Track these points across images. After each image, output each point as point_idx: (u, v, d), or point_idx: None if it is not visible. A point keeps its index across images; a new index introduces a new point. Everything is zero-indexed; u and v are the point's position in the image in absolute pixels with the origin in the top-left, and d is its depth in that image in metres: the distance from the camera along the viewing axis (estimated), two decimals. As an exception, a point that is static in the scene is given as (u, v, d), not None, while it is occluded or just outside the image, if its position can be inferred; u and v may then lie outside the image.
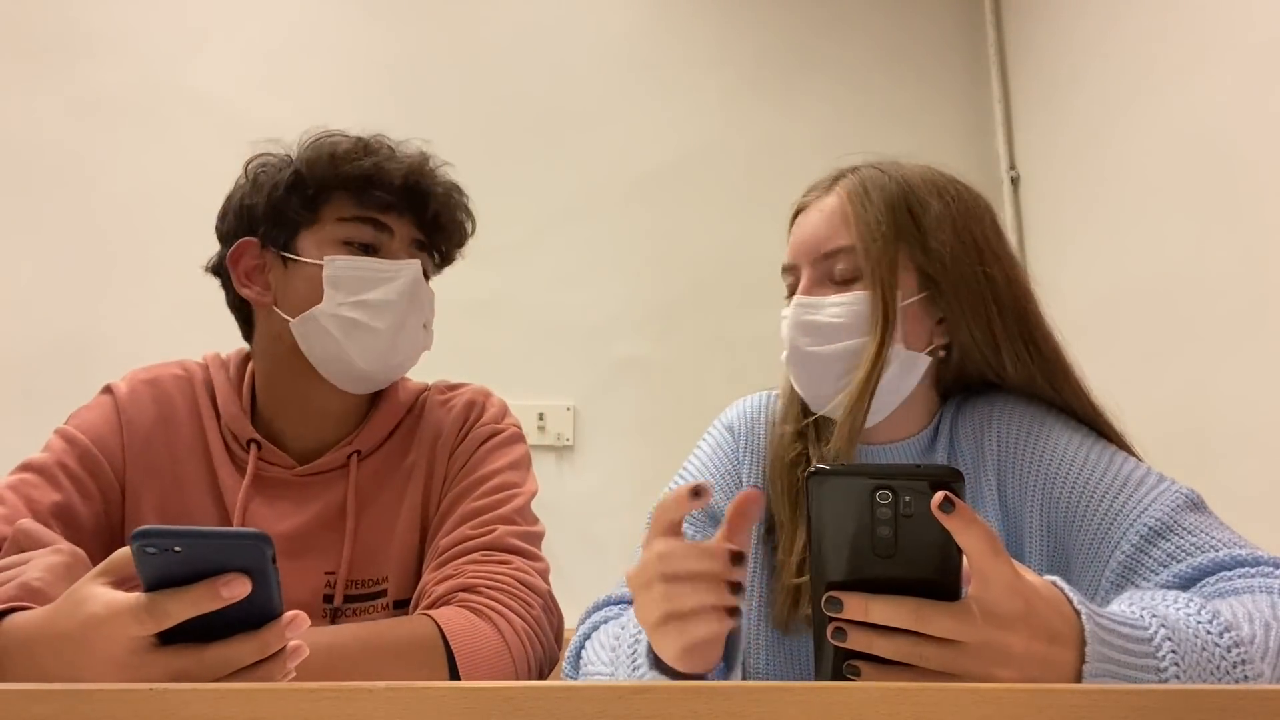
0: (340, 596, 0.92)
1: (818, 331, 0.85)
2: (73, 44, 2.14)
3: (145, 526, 0.52)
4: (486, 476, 0.96)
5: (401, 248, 0.97)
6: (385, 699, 0.41)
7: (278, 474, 0.95)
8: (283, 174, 0.95)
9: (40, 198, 2.07)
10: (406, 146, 1.00)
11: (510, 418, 1.05)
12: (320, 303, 0.92)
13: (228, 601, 0.52)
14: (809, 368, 0.87)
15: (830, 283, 0.86)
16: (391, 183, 0.95)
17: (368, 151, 0.95)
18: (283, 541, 0.91)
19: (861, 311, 0.84)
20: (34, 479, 0.86)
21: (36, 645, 0.59)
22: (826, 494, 0.50)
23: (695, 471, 0.96)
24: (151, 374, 0.99)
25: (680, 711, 0.41)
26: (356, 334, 0.92)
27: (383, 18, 2.31)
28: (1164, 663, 0.55)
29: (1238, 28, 1.70)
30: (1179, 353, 1.82)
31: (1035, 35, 2.40)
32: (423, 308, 0.98)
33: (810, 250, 0.87)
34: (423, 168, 0.98)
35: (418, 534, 0.96)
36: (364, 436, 0.98)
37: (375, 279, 0.93)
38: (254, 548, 0.53)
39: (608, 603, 0.88)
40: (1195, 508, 0.77)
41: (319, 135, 0.98)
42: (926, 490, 0.48)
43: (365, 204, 0.95)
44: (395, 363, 0.97)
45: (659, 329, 2.26)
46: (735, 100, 2.42)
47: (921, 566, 0.49)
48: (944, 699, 0.41)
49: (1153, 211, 1.92)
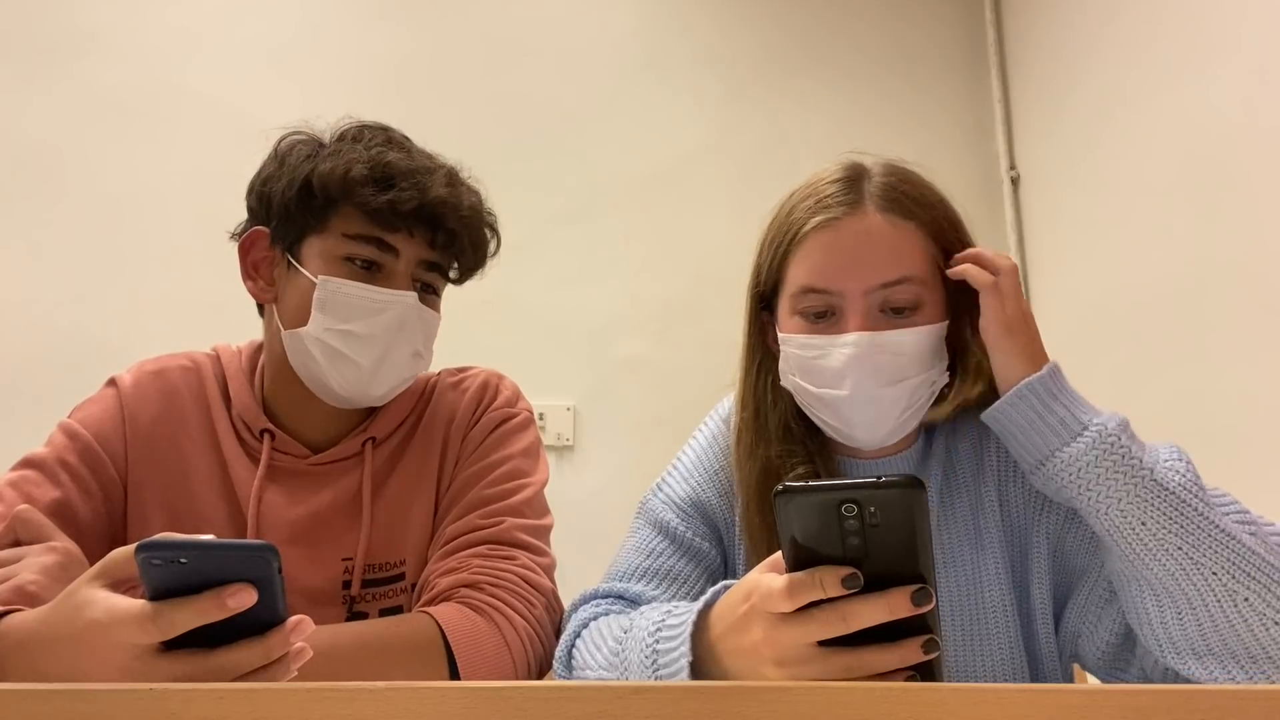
0: (358, 582, 0.91)
1: (888, 371, 0.79)
2: (73, 44, 2.14)
3: (151, 539, 0.52)
4: (497, 463, 0.96)
5: (407, 269, 0.93)
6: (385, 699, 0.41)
7: (291, 463, 0.94)
8: (298, 172, 0.92)
9: (40, 198, 2.07)
10: (430, 163, 0.95)
11: (523, 401, 1.05)
12: (307, 324, 0.90)
13: (234, 611, 0.52)
14: (873, 410, 0.81)
15: (888, 312, 0.80)
16: (403, 211, 0.90)
17: (383, 181, 0.90)
18: (298, 530, 0.91)
19: (928, 345, 0.81)
20: (34, 475, 0.86)
21: (34, 648, 0.58)
22: (795, 511, 0.52)
23: (690, 463, 0.95)
24: (158, 365, 0.98)
25: (680, 711, 0.41)
26: (339, 363, 0.90)
27: (383, 17, 2.31)
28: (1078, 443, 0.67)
29: (1237, 28, 1.70)
30: (1179, 353, 1.82)
31: (1035, 35, 2.40)
32: (413, 336, 0.93)
33: (863, 278, 0.80)
34: (443, 197, 0.92)
35: (433, 515, 0.96)
36: (379, 424, 0.97)
37: (365, 308, 0.90)
38: (260, 559, 0.52)
39: (594, 596, 0.87)
40: None
41: (346, 131, 0.95)
42: (891, 499, 0.50)
43: (373, 223, 0.91)
44: (377, 393, 0.94)
45: (659, 329, 2.26)
46: (735, 100, 2.42)
47: (894, 567, 0.51)
48: (944, 699, 0.41)
49: (1152, 211, 1.92)
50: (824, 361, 0.81)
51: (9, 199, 2.05)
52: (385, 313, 0.90)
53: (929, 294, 0.81)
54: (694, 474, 0.94)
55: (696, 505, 0.91)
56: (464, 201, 0.95)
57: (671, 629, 0.66)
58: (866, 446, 0.85)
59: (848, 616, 0.51)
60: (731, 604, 0.61)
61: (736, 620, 0.59)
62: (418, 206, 0.90)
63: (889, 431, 0.83)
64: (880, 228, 0.80)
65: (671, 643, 0.65)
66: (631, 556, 0.90)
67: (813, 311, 0.82)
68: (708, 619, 0.64)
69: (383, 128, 0.98)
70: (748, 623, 0.57)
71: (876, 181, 0.83)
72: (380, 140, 0.95)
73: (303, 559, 0.90)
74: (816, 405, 0.84)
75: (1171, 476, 0.71)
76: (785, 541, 0.53)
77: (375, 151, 0.92)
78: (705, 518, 0.91)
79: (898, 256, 0.80)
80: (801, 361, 0.83)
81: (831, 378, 0.81)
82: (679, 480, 0.94)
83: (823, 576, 0.51)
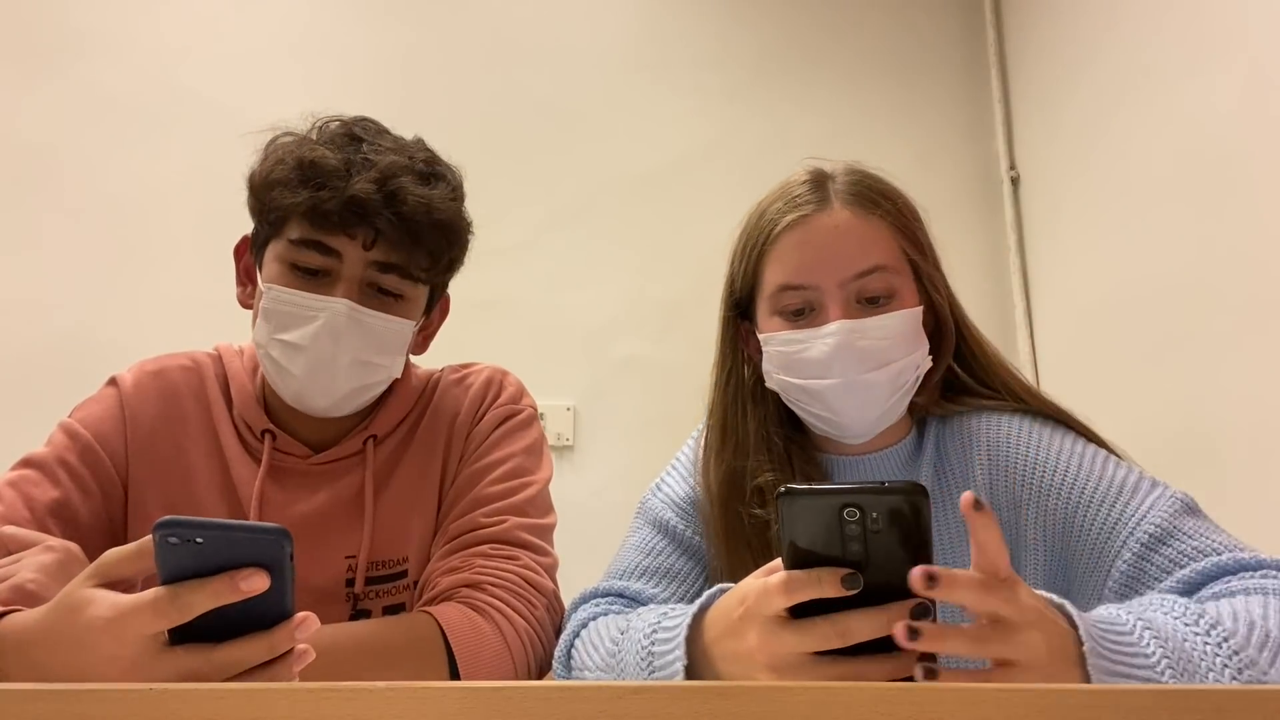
0: (361, 580, 0.91)
1: (869, 357, 0.81)
2: (72, 44, 2.14)
3: (169, 517, 0.52)
4: (501, 460, 0.96)
5: (354, 273, 0.87)
6: (385, 699, 0.41)
7: (293, 463, 0.94)
8: (257, 176, 0.90)
9: (40, 197, 2.07)
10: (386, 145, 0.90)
11: (527, 398, 1.05)
12: (258, 333, 0.90)
13: (246, 595, 0.52)
14: (860, 395, 0.82)
15: (863, 302, 0.83)
16: (325, 211, 0.85)
17: (310, 181, 0.86)
18: (301, 529, 0.90)
19: (906, 331, 0.83)
20: (34, 475, 0.86)
21: (33, 650, 0.58)
22: (796, 513, 0.52)
23: (690, 463, 0.95)
24: (158, 365, 0.97)
25: (680, 711, 0.41)
26: (280, 373, 0.89)
27: (383, 17, 2.31)
28: (1149, 649, 0.56)
29: (1237, 28, 1.70)
30: (1179, 353, 1.82)
31: (1035, 35, 2.40)
32: (351, 345, 0.87)
33: (836, 270, 0.83)
34: (366, 194, 0.85)
35: (436, 512, 0.96)
36: (380, 421, 0.97)
37: (298, 316, 0.87)
38: (274, 542, 0.53)
39: (594, 595, 0.88)
40: (1192, 512, 0.77)
41: (280, 139, 0.92)
42: (895, 506, 0.50)
43: (312, 226, 0.87)
44: (320, 405, 0.90)
45: (659, 329, 2.26)
46: (735, 100, 2.42)
47: (893, 575, 0.51)
48: (944, 699, 0.41)
49: (1152, 211, 1.92)
50: (808, 354, 0.83)
51: (8, 199, 2.05)
52: (315, 321, 0.86)
53: (901, 281, 0.85)
54: (693, 473, 0.94)
55: (696, 504, 0.92)
56: (405, 197, 0.87)
57: (667, 631, 0.66)
58: (855, 436, 0.86)
59: (846, 633, 0.51)
60: (727, 608, 0.61)
61: (731, 624, 0.59)
62: (342, 206, 0.85)
63: (878, 418, 0.84)
64: (848, 222, 0.84)
65: (667, 645, 0.65)
66: (631, 555, 0.90)
67: (791, 309, 0.85)
68: (703, 622, 0.63)
69: (351, 121, 0.94)
70: (743, 627, 0.57)
71: (841, 180, 0.88)
72: (331, 136, 0.91)
73: (306, 557, 0.90)
74: (804, 399, 0.85)
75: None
76: (785, 544, 0.53)
77: (306, 150, 0.88)
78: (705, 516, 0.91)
79: (868, 247, 0.84)
80: (785, 358, 0.85)
81: (817, 368, 0.83)
82: (678, 480, 0.95)
83: (821, 575, 0.51)
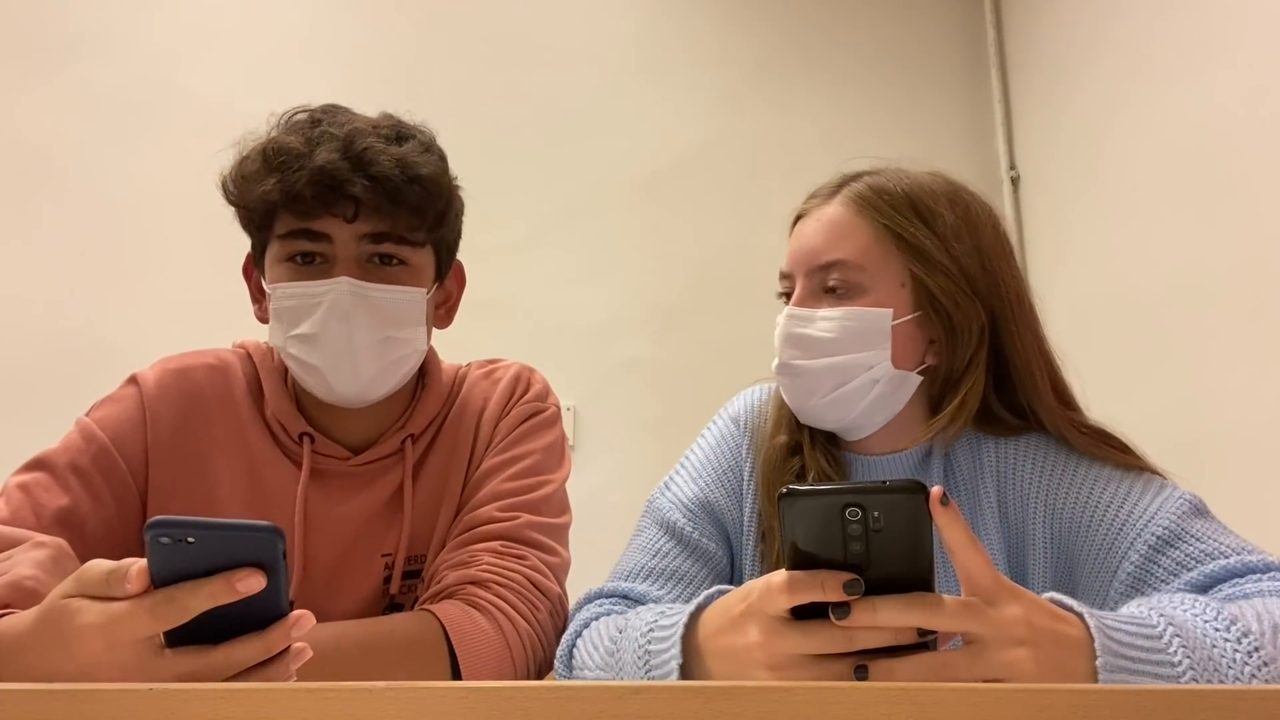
0: (398, 579, 0.91)
1: (807, 345, 0.85)
2: (71, 44, 2.14)
3: (159, 517, 0.51)
4: (521, 456, 0.96)
5: (349, 251, 0.86)
6: (385, 699, 0.41)
7: (333, 465, 0.93)
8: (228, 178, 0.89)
9: (39, 197, 2.07)
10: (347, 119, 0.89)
11: (552, 396, 1.05)
12: (276, 338, 0.89)
13: (242, 595, 0.51)
14: (796, 380, 0.86)
15: (824, 294, 0.85)
16: (297, 192, 0.83)
17: (275, 162, 0.84)
18: (343, 529, 0.91)
19: (853, 328, 0.83)
20: (44, 479, 0.84)
21: (27, 654, 0.57)
22: (799, 513, 0.52)
23: (699, 462, 0.95)
24: (181, 363, 0.94)
25: (680, 711, 0.41)
26: (305, 369, 0.88)
27: (383, 17, 2.31)
28: (1176, 658, 0.55)
29: (1237, 28, 1.70)
30: (1178, 353, 1.82)
31: (1035, 35, 2.40)
32: (367, 321, 0.86)
33: (806, 260, 0.86)
34: (332, 164, 0.83)
35: (458, 504, 0.96)
36: (416, 419, 0.96)
37: (304, 306, 0.86)
38: (267, 540, 0.52)
39: (598, 595, 0.87)
40: (1200, 513, 0.77)
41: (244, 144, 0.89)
42: (896, 504, 0.50)
43: (293, 214, 0.85)
44: (353, 390, 0.88)
45: (659, 329, 2.26)
46: (736, 100, 2.42)
47: (895, 575, 0.51)
48: (943, 699, 0.41)
49: (1152, 211, 1.92)
50: (775, 337, 0.89)
51: (8, 199, 2.05)
52: (320, 306, 0.85)
53: (870, 280, 0.83)
54: (702, 474, 0.93)
55: (704, 506, 0.91)
56: (375, 158, 0.84)
57: (664, 629, 0.66)
58: (801, 419, 0.89)
59: (853, 637, 0.51)
60: (727, 605, 0.61)
61: (731, 621, 0.59)
62: (312, 182, 0.83)
63: (817, 407, 0.86)
64: (834, 215, 0.86)
65: (663, 644, 0.65)
66: (637, 556, 0.90)
67: (785, 293, 0.89)
68: (699, 620, 0.63)
69: (315, 109, 0.92)
70: (744, 623, 0.57)
71: (862, 181, 0.87)
72: (292, 124, 0.89)
73: (348, 559, 0.90)
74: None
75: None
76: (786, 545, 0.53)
77: (269, 141, 0.87)
78: (713, 518, 0.91)
79: (837, 242, 0.84)
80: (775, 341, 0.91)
81: (776, 352, 0.88)
82: (687, 480, 0.94)
83: (824, 578, 0.51)
